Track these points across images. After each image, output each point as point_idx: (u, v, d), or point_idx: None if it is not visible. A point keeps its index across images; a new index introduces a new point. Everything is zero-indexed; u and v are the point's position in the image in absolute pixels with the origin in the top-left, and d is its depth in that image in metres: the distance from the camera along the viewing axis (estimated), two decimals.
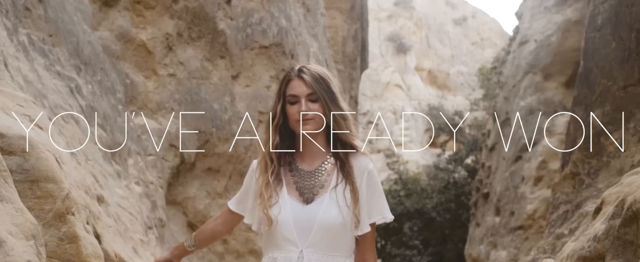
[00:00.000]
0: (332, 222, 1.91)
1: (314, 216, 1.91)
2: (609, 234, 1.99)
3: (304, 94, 1.97)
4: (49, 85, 2.98)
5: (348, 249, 1.98)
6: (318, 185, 1.98)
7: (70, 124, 2.97)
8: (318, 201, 1.95)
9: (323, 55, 7.37)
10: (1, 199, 1.38)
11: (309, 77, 1.97)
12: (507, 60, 13.19)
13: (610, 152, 3.15)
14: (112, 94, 3.95)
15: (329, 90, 1.98)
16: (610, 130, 3.17)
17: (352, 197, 1.93)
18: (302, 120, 1.96)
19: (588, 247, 2.08)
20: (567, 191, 3.36)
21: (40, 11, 3.31)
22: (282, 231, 1.92)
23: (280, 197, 1.96)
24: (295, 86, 1.99)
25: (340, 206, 1.92)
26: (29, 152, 1.71)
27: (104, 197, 2.45)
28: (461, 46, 41.68)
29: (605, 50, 3.32)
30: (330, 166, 2.01)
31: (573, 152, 3.44)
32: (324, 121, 1.97)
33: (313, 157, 2.04)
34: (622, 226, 1.91)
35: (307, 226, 1.91)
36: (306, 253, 1.90)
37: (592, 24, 3.60)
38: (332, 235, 1.92)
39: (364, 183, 1.98)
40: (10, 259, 1.27)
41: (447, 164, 18.58)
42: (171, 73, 4.68)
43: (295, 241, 1.91)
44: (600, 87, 3.29)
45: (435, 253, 17.84)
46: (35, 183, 1.67)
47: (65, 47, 3.48)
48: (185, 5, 4.84)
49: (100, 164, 3.15)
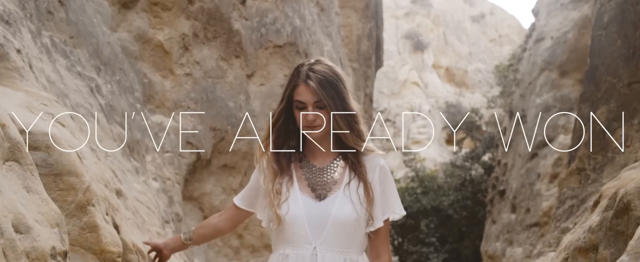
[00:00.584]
0: (346, 219, 1.90)
1: (328, 212, 1.90)
2: (603, 226, 2.07)
3: (310, 102, 1.93)
4: (70, 85, 3.12)
5: (361, 246, 1.97)
6: (330, 181, 1.96)
7: (90, 122, 3.11)
8: (331, 197, 1.93)
9: (337, 54, 7.47)
10: (28, 190, 1.50)
11: (316, 83, 1.92)
12: (523, 57, 13.16)
13: (614, 148, 3.21)
14: (131, 93, 4.10)
15: (337, 94, 1.93)
16: (615, 126, 3.24)
17: (366, 196, 1.92)
18: (310, 127, 1.94)
19: (583, 239, 2.17)
20: (573, 186, 3.43)
21: (61, 14, 3.45)
22: (294, 227, 1.91)
23: (291, 193, 1.95)
24: (302, 92, 1.94)
25: (353, 203, 1.91)
26: (53, 148, 1.83)
27: (122, 191, 2.58)
28: (479, 43, 41.46)
29: (611, 48, 3.38)
30: (343, 162, 2.00)
31: (579, 148, 3.51)
32: (329, 128, 1.94)
33: (324, 155, 2.02)
34: (614, 217, 1.99)
35: (321, 223, 1.90)
36: (319, 250, 1.89)
37: (598, 22, 3.66)
38: (346, 232, 1.91)
39: (377, 179, 1.97)
40: (36, 244, 1.40)
41: (464, 161, 18.56)
42: (187, 72, 4.81)
43: (309, 238, 1.90)
44: (605, 84, 3.35)
45: (452, 250, 17.85)
46: (59, 176, 1.79)
47: (85, 48, 3.62)
48: (201, 6, 4.97)
49: (119, 161, 3.29)
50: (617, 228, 1.97)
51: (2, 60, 2.14)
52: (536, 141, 11.07)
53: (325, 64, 1.99)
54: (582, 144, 3.43)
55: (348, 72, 8.53)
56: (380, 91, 34.51)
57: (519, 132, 12.48)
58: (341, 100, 1.93)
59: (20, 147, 1.54)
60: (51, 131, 1.88)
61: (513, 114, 12.94)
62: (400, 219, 7.67)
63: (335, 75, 1.96)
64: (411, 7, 40.21)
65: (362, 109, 2.34)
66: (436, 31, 39.51)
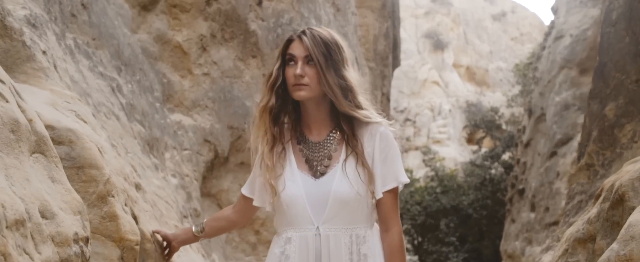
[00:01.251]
0: (347, 195, 1.81)
1: (328, 189, 1.82)
2: (600, 217, 2.14)
3: (301, 56, 1.85)
4: (92, 85, 3.26)
5: (368, 220, 1.88)
6: (327, 156, 1.88)
7: (111, 120, 3.25)
8: (330, 173, 1.85)
9: (353, 54, 7.56)
10: (53, 180, 1.63)
11: (309, 39, 1.85)
12: (543, 55, 13.11)
13: (623, 144, 3.26)
14: (150, 92, 4.24)
15: (330, 55, 1.85)
16: (623, 122, 3.28)
17: (364, 172, 1.82)
18: (296, 85, 1.84)
19: (582, 230, 2.24)
20: (582, 181, 3.48)
21: (84, 17, 3.60)
22: (295, 208, 1.83)
23: (289, 171, 1.87)
24: (294, 47, 1.87)
25: (352, 179, 1.82)
26: (75, 142, 1.96)
27: (141, 185, 2.71)
28: (500, 42, 41.19)
29: (619, 45, 3.42)
30: (339, 135, 1.91)
31: (588, 144, 3.56)
32: (320, 91, 1.86)
33: (319, 127, 1.94)
34: (610, 208, 2.07)
35: (322, 201, 1.82)
36: (322, 229, 1.81)
37: (607, 19, 3.70)
38: (349, 208, 1.82)
39: (377, 146, 1.86)
40: (60, 229, 1.52)
41: (483, 160, 18.52)
42: (205, 72, 4.95)
43: (310, 218, 1.82)
44: (614, 80, 3.39)
45: (472, 250, 17.83)
46: (81, 169, 1.92)
47: (107, 49, 3.77)
48: (219, 8, 5.10)
49: (139, 157, 3.43)
50: (613, 219, 2.04)
51: (29, 61, 2.28)
52: (555, 140, 11.04)
53: (326, 30, 1.93)
54: (591, 140, 3.49)
55: (365, 72, 8.61)
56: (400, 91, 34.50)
57: (538, 130, 12.44)
58: (334, 62, 1.85)
59: (45, 140, 1.67)
60: (74, 126, 2.01)
61: (532, 113, 12.90)
62: (420, 218, 7.88)
63: (332, 38, 1.89)
64: (431, 6, 40.13)
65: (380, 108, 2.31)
66: (456, 30, 39.37)
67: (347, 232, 1.83)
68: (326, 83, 1.84)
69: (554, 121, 11.16)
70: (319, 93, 1.88)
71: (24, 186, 1.44)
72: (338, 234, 1.82)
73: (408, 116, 34.61)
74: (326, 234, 1.82)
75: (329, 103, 1.91)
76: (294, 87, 1.86)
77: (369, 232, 1.88)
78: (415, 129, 33.68)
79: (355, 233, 1.84)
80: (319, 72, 1.84)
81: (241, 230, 4.99)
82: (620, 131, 3.27)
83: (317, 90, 1.87)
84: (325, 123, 1.94)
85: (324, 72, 1.84)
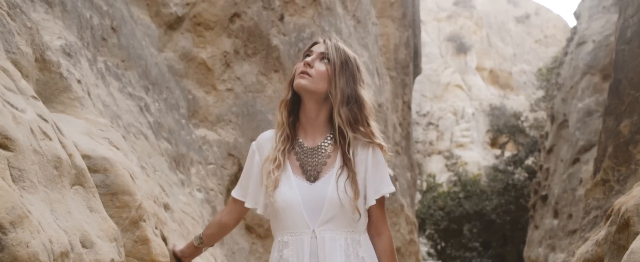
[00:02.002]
0: (342, 199, 1.84)
1: (323, 193, 1.85)
2: (607, 240, 2.22)
3: (317, 52, 1.93)
4: (122, 106, 3.43)
5: (362, 225, 1.92)
6: (321, 162, 1.91)
7: (140, 140, 3.41)
8: (324, 178, 1.89)
9: (374, 64, 7.66)
10: (91, 210, 1.78)
11: (333, 43, 1.94)
12: (565, 61, 13.05)
13: (637, 161, 3.31)
14: (176, 109, 4.41)
15: (346, 64, 1.91)
16: (638, 139, 3.34)
17: (353, 190, 1.86)
18: (301, 73, 1.90)
19: (591, 251, 2.32)
20: (598, 196, 3.54)
21: (114, 40, 3.78)
22: (291, 213, 1.86)
23: (285, 176, 1.90)
24: (316, 47, 1.97)
25: (346, 185, 1.86)
26: (109, 170, 2.11)
27: (169, 204, 2.86)
28: (524, 44, 40.84)
29: (634, 63, 3.47)
30: (333, 141, 1.94)
31: (604, 159, 3.61)
32: (325, 89, 1.90)
33: (315, 131, 1.97)
34: (617, 232, 2.15)
35: (317, 205, 1.85)
36: (318, 232, 1.84)
37: (622, 37, 3.76)
38: (343, 212, 1.86)
39: (370, 158, 1.91)
40: (99, 257, 1.66)
41: (506, 166, 18.44)
42: (229, 88, 5.10)
43: (306, 222, 1.85)
44: (629, 97, 3.45)
45: (496, 255, 17.76)
46: (115, 196, 2.07)
47: (135, 70, 3.94)
48: (241, 25, 5.26)
49: (166, 174, 3.59)
50: (619, 242, 2.13)
51: (66, 91, 2.44)
52: (578, 146, 10.99)
53: (351, 50, 2.01)
54: (606, 156, 3.54)
55: (386, 81, 8.70)
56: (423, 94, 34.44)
57: (561, 136, 12.39)
58: (350, 72, 1.91)
59: (84, 173, 1.81)
60: (108, 155, 2.16)
61: (555, 118, 12.85)
62: (443, 224, 8.09)
63: (354, 56, 1.98)
64: (453, 9, 39.99)
65: (401, 116, 2.37)
66: (479, 33, 39.16)
67: (343, 235, 1.87)
68: (334, 84, 1.88)
69: (576, 127, 11.11)
70: (319, 91, 1.91)
71: (67, 219, 1.58)
72: (334, 235, 1.85)
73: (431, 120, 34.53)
74: (322, 236, 1.84)
75: (328, 109, 1.95)
76: (298, 75, 1.91)
77: (363, 237, 1.93)
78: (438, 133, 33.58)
79: (351, 236, 1.88)
80: (329, 72, 1.89)
81: (265, 240, 5.12)
82: (634, 147, 3.32)
83: (318, 86, 1.90)
84: (321, 129, 1.97)
85: (336, 74, 1.89)
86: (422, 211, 18.60)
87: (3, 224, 1.18)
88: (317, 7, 6.05)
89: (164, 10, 4.73)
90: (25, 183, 1.46)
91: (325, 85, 1.90)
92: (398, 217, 7.24)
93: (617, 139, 3.46)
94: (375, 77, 7.45)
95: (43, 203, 1.50)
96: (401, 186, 8.14)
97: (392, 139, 8.60)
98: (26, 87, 1.78)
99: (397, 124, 9.01)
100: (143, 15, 4.56)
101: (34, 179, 1.50)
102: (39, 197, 1.50)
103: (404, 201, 7.87)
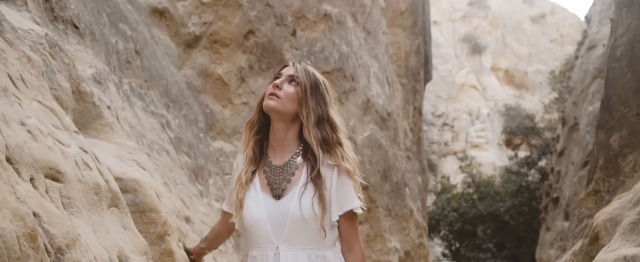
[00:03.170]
0: (304, 216, 1.88)
1: (286, 210, 1.90)
2: (582, 251, 2.47)
3: (286, 75, 1.98)
4: (146, 125, 3.74)
5: (328, 241, 1.95)
6: (286, 179, 1.96)
7: (162, 156, 3.72)
8: (288, 195, 1.93)
9: (384, 74, 7.92)
10: (125, 228, 2.07)
11: (302, 67, 1.99)
12: (576, 64, 13.18)
13: (626, 172, 3.53)
14: (195, 124, 4.71)
15: (315, 86, 1.97)
16: (626, 152, 3.56)
17: (320, 206, 1.90)
18: (269, 95, 1.95)
19: (569, 261, 2.57)
20: (590, 206, 3.76)
21: (138, 62, 4.09)
22: (257, 229, 1.92)
23: (253, 192, 1.96)
24: (286, 69, 2.02)
25: (309, 203, 1.89)
26: (138, 191, 2.41)
27: (190, 217, 3.16)
28: (539, 44, 40.68)
29: (623, 80, 3.69)
30: (300, 159, 1.98)
31: (595, 170, 3.84)
32: (293, 110, 1.95)
33: (283, 150, 2.01)
34: (589, 244, 2.40)
35: (281, 222, 1.90)
36: (282, 249, 1.89)
37: (612, 55, 3.97)
38: (306, 229, 1.90)
39: (334, 178, 1.94)
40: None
41: (519, 167, 18.55)
42: (244, 101, 5.40)
43: (271, 238, 1.90)
44: (618, 113, 3.66)
45: (510, 256, 17.88)
46: (144, 213, 2.36)
47: (157, 89, 4.25)
48: (256, 41, 5.55)
49: (187, 187, 3.89)
50: (591, 254, 2.37)
51: (98, 118, 2.75)
52: (588, 149, 11.13)
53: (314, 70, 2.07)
54: (598, 168, 3.77)
55: (396, 88, 8.95)
56: (438, 95, 34.54)
57: (571, 139, 12.53)
58: (319, 94, 1.98)
59: (118, 196, 2.11)
60: (136, 176, 2.46)
61: (566, 122, 12.98)
62: (457, 225, 8.44)
63: (322, 78, 2.04)
64: (468, 9, 39.97)
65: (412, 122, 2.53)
66: (494, 33, 39.12)
67: (305, 252, 1.91)
68: (305, 105, 1.94)
69: (586, 131, 11.25)
70: (288, 112, 1.96)
71: (106, 237, 1.88)
72: (296, 253, 1.90)
73: (446, 121, 34.60)
74: (285, 254, 1.89)
75: (296, 129, 2.00)
76: (267, 97, 1.96)
77: (330, 252, 1.96)
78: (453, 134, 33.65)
79: (314, 253, 1.92)
80: (299, 94, 1.95)
81: None
82: (623, 160, 3.54)
83: (286, 108, 1.95)
84: (288, 148, 2.02)
85: (307, 95, 1.95)
86: (436, 212, 18.79)
87: (61, 247, 1.48)
88: (327, 21, 6.33)
89: (182, 30, 5.04)
90: (73, 209, 1.75)
91: (293, 107, 1.96)
92: (407, 222, 7.49)
93: (607, 152, 3.68)
94: (385, 86, 7.70)
95: (87, 225, 1.80)
96: (412, 191, 8.39)
97: (403, 145, 8.84)
98: (69, 123, 2.08)
99: (408, 130, 9.25)
100: (163, 35, 4.88)
101: (79, 205, 1.80)
102: (84, 220, 1.79)
103: (413, 206, 8.11)
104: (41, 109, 1.90)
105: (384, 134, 7.20)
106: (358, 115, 6.65)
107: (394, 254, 6.67)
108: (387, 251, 6.50)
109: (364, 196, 2.09)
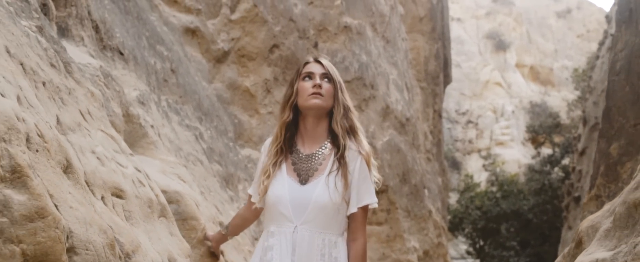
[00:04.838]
0: (325, 203, 2.05)
1: (310, 195, 2.07)
2: (569, 254, 2.80)
3: (319, 72, 2.15)
4: (182, 138, 4.14)
5: (340, 229, 2.13)
6: (314, 168, 2.13)
7: (197, 166, 4.12)
8: (314, 182, 2.10)
9: (402, 80, 8.24)
10: (172, 234, 2.46)
11: (327, 62, 2.19)
12: (596, 65, 13.28)
13: (624, 179, 3.80)
14: (225, 134, 5.11)
15: (340, 80, 2.18)
16: (624, 160, 3.83)
17: (343, 184, 2.07)
18: (314, 94, 2.11)
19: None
20: (592, 210, 4.04)
21: (173, 80, 4.50)
22: (279, 207, 2.10)
23: (279, 176, 2.14)
24: (312, 67, 2.18)
25: (333, 190, 2.07)
26: (181, 201, 2.80)
27: (223, 223, 3.55)
28: (565, 40, 40.33)
29: (621, 93, 3.95)
30: (328, 150, 2.15)
31: (597, 177, 4.12)
32: (331, 105, 2.14)
33: (313, 141, 2.18)
34: (575, 248, 2.73)
35: (303, 205, 2.07)
36: (300, 229, 2.06)
37: (612, 68, 4.23)
38: (325, 214, 2.07)
39: (357, 168, 2.11)
40: None
41: (542, 166, 18.64)
42: (270, 111, 5.78)
43: (291, 217, 2.08)
44: (617, 123, 3.93)
45: (534, 254, 18.02)
46: (186, 221, 2.76)
47: (191, 103, 4.66)
48: (280, 55, 5.93)
49: (219, 193, 4.29)
50: (576, 257, 2.70)
51: (144, 138, 3.15)
52: None
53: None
54: (599, 174, 4.05)
55: (416, 93, 9.25)
56: (462, 93, 34.56)
57: (592, 139, 12.66)
58: (342, 87, 2.19)
59: (166, 207, 2.50)
60: (178, 188, 2.86)
61: (587, 121, 13.11)
62: (481, 223, 8.96)
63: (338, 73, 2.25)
64: (492, 6, 39.81)
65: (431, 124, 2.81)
66: (519, 29, 38.92)
67: (321, 236, 2.08)
68: (338, 100, 2.15)
69: None
70: (328, 107, 2.16)
71: (158, 243, 2.27)
72: (312, 236, 2.07)
73: (470, 118, 34.57)
74: (302, 234, 2.07)
75: (326, 122, 2.19)
76: (311, 96, 2.13)
77: (340, 239, 2.14)
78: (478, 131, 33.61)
79: (328, 238, 2.09)
80: (335, 89, 2.15)
81: None
82: (621, 167, 3.82)
83: (328, 103, 2.15)
84: (317, 139, 2.20)
85: (340, 90, 2.16)
86: (460, 210, 19.01)
87: (129, 253, 1.87)
88: (348, 32, 6.68)
89: (212, 47, 5.44)
90: (133, 220, 2.15)
91: (331, 102, 2.17)
92: (426, 222, 7.80)
93: (607, 160, 3.96)
94: (404, 91, 8.02)
95: (144, 234, 2.19)
96: (431, 192, 8.69)
97: (423, 147, 9.14)
98: (125, 147, 2.48)
99: (428, 132, 9.54)
100: (195, 52, 5.28)
101: (137, 217, 2.19)
102: (141, 229, 2.19)
103: (432, 206, 8.42)
104: (104, 137, 2.30)
105: (403, 139, 7.52)
106: (377, 122, 6.99)
107: (413, 253, 7.00)
108: (407, 250, 6.84)
109: (384, 198, 2.41)
